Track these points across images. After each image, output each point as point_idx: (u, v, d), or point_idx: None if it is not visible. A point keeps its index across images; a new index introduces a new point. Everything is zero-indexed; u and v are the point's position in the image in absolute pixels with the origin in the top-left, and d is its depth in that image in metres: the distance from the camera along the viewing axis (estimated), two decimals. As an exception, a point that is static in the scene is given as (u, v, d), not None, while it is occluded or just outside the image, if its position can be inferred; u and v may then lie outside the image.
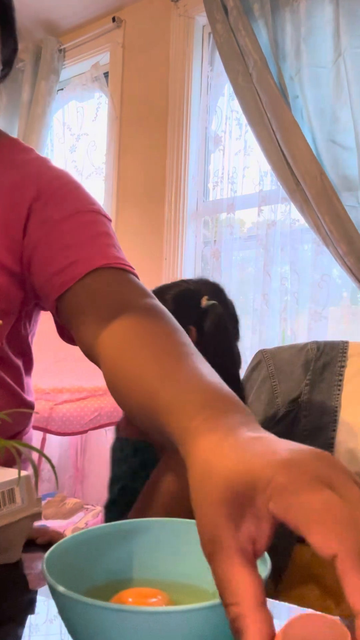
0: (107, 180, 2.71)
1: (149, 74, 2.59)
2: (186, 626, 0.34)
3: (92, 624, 0.35)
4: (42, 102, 2.83)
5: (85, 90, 2.85)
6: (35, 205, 0.73)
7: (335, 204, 1.80)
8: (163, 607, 0.37)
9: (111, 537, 0.48)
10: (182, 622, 0.34)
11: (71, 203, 0.73)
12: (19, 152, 0.79)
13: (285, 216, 2.07)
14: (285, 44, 2.00)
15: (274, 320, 2.07)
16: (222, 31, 2.09)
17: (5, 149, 0.79)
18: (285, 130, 1.90)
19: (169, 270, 2.40)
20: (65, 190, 0.74)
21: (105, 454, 2.49)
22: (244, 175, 2.23)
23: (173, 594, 0.44)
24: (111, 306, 0.63)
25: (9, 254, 0.72)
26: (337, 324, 1.99)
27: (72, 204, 0.72)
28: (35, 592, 0.50)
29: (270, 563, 0.41)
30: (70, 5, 2.69)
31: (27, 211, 0.73)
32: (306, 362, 1.27)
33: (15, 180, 0.74)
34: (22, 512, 0.47)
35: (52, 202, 0.72)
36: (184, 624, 0.34)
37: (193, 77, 2.44)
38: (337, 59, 1.88)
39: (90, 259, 0.66)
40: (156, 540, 0.48)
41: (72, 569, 0.43)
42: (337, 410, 1.17)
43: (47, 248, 0.70)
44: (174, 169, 2.44)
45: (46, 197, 0.73)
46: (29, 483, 0.49)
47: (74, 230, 0.70)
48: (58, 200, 0.72)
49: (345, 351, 1.26)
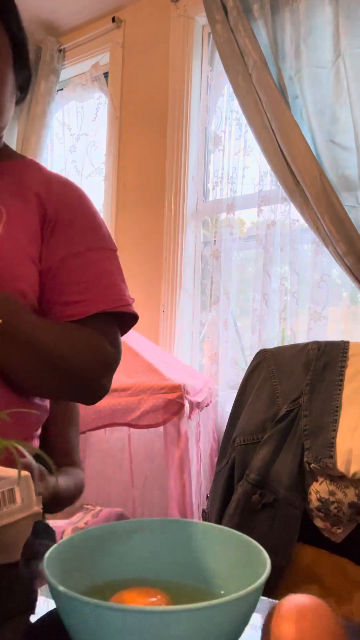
0: (107, 180, 2.71)
1: (148, 74, 2.59)
2: (186, 626, 0.34)
3: (92, 623, 0.35)
4: (41, 102, 2.83)
5: (85, 91, 2.85)
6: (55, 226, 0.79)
7: (334, 204, 1.80)
8: (162, 607, 0.37)
9: (111, 537, 0.48)
10: (181, 622, 0.34)
11: (87, 237, 0.80)
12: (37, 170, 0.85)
13: (285, 216, 2.07)
14: (285, 44, 2.00)
15: (273, 320, 2.07)
16: (221, 31, 2.09)
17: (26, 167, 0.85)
18: (285, 130, 1.90)
19: (168, 270, 2.40)
20: (83, 223, 0.81)
21: (105, 454, 2.49)
22: (244, 175, 2.23)
23: (172, 594, 0.44)
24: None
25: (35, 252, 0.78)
26: (336, 324, 1.99)
27: (87, 238, 0.80)
28: (35, 592, 0.50)
29: (270, 563, 0.41)
30: (70, 5, 2.69)
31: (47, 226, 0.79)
32: (307, 362, 1.27)
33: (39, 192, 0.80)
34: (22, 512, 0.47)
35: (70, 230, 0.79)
36: (183, 623, 0.34)
37: (193, 77, 2.44)
38: (336, 59, 1.88)
39: (95, 302, 0.76)
40: (156, 540, 0.48)
41: (72, 569, 0.43)
42: (337, 410, 1.17)
43: (60, 277, 0.77)
44: (173, 169, 2.44)
45: (64, 223, 0.79)
46: (29, 483, 0.49)
47: (83, 267, 0.78)
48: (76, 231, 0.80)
49: (345, 351, 1.26)
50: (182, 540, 0.48)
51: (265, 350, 1.37)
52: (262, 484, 1.17)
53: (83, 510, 2.02)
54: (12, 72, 0.80)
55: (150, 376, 1.83)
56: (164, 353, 2.22)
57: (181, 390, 1.79)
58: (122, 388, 1.78)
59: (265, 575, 0.39)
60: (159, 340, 2.40)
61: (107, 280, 0.79)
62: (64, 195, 0.82)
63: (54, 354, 0.72)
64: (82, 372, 0.75)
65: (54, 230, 0.79)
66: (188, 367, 2.19)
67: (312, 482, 1.14)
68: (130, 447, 2.30)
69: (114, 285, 0.79)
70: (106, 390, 0.80)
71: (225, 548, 0.46)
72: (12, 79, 0.80)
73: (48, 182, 0.82)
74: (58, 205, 0.81)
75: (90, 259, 0.79)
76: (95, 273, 0.79)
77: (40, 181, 0.82)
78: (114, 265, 0.82)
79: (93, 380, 0.77)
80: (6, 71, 0.78)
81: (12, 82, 0.80)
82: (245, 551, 0.44)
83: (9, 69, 0.79)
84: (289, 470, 1.14)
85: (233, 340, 2.24)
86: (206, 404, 2.04)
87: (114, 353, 0.79)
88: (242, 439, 1.26)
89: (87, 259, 0.79)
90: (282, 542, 1.12)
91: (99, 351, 0.77)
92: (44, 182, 0.82)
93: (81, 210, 0.83)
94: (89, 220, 0.83)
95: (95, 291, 0.77)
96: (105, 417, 1.72)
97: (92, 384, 0.78)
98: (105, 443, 2.39)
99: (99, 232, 0.83)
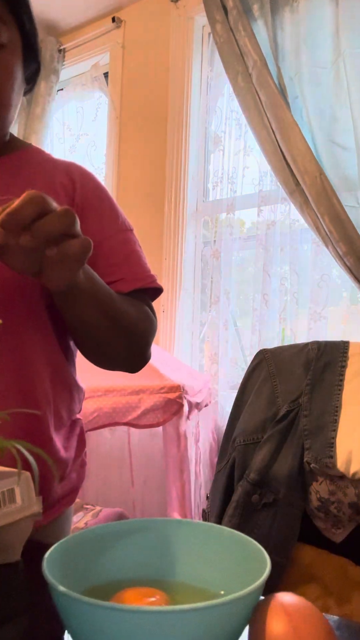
0: (107, 180, 2.71)
1: (148, 74, 2.59)
2: (185, 626, 0.34)
3: (92, 623, 0.35)
4: (41, 102, 2.83)
5: (85, 91, 2.85)
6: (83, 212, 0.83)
7: (334, 204, 1.80)
8: (162, 607, 0.37)
9: (111, 537, 0.48)
10: (181, 622, 0.34)
11: (112, 221, 0.87)
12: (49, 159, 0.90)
13: (285, 216, 2.07)
14: (285, 44, 2.00)
15: (273, 320, 2.07)
16: (221, 31, 2.09)
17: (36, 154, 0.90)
18: (285, 130, 1.90)
19: (168, 271, 2.40)
20: (107, 207, 0.87)
21: (105, 454, 2.50)
22: (244, 175, 2.23)
23: (172, 593, 0.44)
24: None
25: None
26: (336, 324, 1.99)
27: (113, 222, 0.87)
28: (35, 592, 0.50)
29: (270, 563, 0.41)
30: (70, 5, 2.69)
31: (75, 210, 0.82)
32: (307, 362, 1.27)
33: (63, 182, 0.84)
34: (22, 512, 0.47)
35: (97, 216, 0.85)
36: (182, 623, 0.34)
37: (193, 77, 2.44)
38: (336, 59, 1.88)
39: (131, 280, 0.83)
40: (156, 540, 0.48)
41: (72, 569, 0.43)
42: (337, 410, 1.17)
43: (97, 261, 0.81)
44: (173, 169, 2.44)
45: (91, 209, 0.85)
46: (29, 483, 0.49)
47: (115, 249, 0.85)
48: (103, 216, 0.86)
49: (345, 351, 1.26)
50: (182, 540, 0.48)
51: (265, 350, 1.37)
52: (262, 483, 1.17)
53: (83, 510, 2.02)
54: (21, 65, 0.80)
55: (150, 376, 1.83)
56: (164, 353, 2.22)
57: (180, 390, 1.79)
58: (122, 388, 1.78)
59: (265, 575, 0.39)
60: (159, 340, 2.40)
61: (136, 258, 0.87)
62: (86, 183, 0.87)
63: (129, 318, 0.78)
64: (143, 338, 0.82)
65: (82, 217, 0.82)
66: (188, 367, 2.19)
67: (312, 482, 1.14)
68: (130, 447, 2.30)
69: (142, 264, 0.87)
70: (149, 357, 0.86)
71: (225, 548, 0.46)
72: (21, 72, 0.81)
73: (68, 171, 0.87)
74: (83, 193, 0.85)
75: (119, 240, 0.86)
76: (125, 253, 0.86)
77: (61, 171, 0.86)
78: (137, 245, 0.90)
79: (147, 346, 0.84)
80: (15, 64, 0.78)
81: (20, 76, 0.81)
82: (245, 551, 0.44)
83: (18, 62, 0.79)
84: (289, 470, 1.14)
85: (233, 340, 2.24)
86: (205, 404, 2.04)
87: (156, 321, 0.87)
88: (242, 438, 1.26)
89: (117, 240, 0.85)
90: (282, 542, 1.12)
91: (152, 321, 0.85)
92: (65, 172, 0.86)
93: (103, 196, 0.88)
94: (111, 205, 0.88)
95: (128, 270, 0.84)
96: (105, 417, 1.72)
97: (146, 351, 0.85)
98: (105, 443, 2.39)
99: (119, 215, 0.89)
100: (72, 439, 0.86)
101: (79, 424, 0.89)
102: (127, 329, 0.78)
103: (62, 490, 0.83)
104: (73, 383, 0.85)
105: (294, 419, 1.20)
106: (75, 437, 0.87)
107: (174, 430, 1.81)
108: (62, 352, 0.82)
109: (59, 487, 0.82)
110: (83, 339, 0.80)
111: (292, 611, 0.36)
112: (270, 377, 1.30)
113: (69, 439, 0.84)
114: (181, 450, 1.80)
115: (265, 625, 0.36)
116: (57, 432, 0.80)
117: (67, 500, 0.85)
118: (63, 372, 0.82)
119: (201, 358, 2.39)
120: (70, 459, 0.84)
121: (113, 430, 2.32)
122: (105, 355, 0.82)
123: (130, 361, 0.85)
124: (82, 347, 0.82)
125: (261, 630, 0.36)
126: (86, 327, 0.76)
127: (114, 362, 0.84)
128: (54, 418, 0.79)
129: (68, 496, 0.85)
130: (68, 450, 0.83)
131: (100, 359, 0.83)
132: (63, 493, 0.84)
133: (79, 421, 0.89)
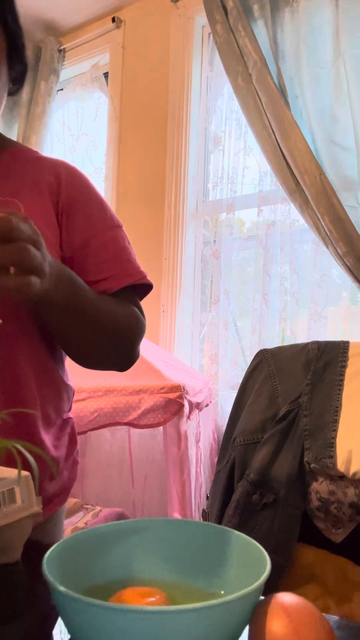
0: (107, 180, 2.71)
1: (148, 74, 2.59)
2: (185, 626, 0.34)
3: (92, 623, 0.35)
4: (42, 102, 2.83)
5: (85, 91, 2.85)
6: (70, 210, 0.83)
7: (334, 204, 1.80)
8: (161, 607, 0.37)
9: (111, 537, 0.48)
10: (181, 622, 0.34)
11: (100, 218, 0.86)
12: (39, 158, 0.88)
13: (285, 216, 2.07)
14: (284, 44, 2.00)
15: (273, 320, 2.07)
16: (221, 31, 2.09)
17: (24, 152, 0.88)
18: (285, 130, 1.90)
19: (168, 271, 2.40)
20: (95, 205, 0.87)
21: (105, 454, 2.49)
22: (244, 175, 2.23)
23: (172, 594, 0.44)
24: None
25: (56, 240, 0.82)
26: (336, 324, 1.99)
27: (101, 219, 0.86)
28: (35, 592, 0.50)
29: (270, 563, 0.41)
30: (70, 5, 2.69)
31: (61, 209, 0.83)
32: (307, 362, 1.27)
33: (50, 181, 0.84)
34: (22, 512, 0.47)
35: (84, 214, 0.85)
36: (182, 623, 0.34)
37: (193, 77, 2.44)
38: (336, 59, 1.88)
39: (121, 277, 0.83)
40: (155, 540, 0.48)
41: (72, 568, 0.43)
42: (337, 410, 1.17)
43: (86, 259, 0.83)
44: (173, 169, 2.44)
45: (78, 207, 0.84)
46: (29, 483, 0.49)
47: (104, 246, 0.84)
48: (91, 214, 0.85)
49: (346, 351, 1.26)
50: (182, 540, 0.48)
51: (265, 350, 1.37)
52: (262, 483, 1.17)
53: (83, 510, 2.02)
54: (5, 64, 0.79)
55: (150, 376, 1.83)
56: (164, 353, 2.22)
57: (181, 390, 1.79)
58: (123, 388, 1.78)
59: (265, 575, 0.39)
60: (159, 340, 2.40)
61: (125, 255, 0.86)
62: (72, 181, 0.86)
63: (111, 320, 0.79)
64: (127, 339, 0.83)
65: (69, 215, 0.83)
66: (188, 367, 2.19)
67: (312, 482, 1.14)
68: (131, 447, 2.30)
69: (132, 260, 0.86)
70: (138, 356, 0.87)
71: (225, 548, 0.46)
72: (6, 71, 0.80)
73: (55, 170, 0.85)
74: (69, 191, 0.84)
75: (107, 237, 0.85)
76: (115, 250, 0.85)
77: (48, 170, 0.85)
78: (126, 241, 0.88)
79: (133, 346, 0.84)
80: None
81: (5, 75, 0.80)
82: (245, 551, 0.44)
83: (2, 60, 0.78)
84: (289, 470, 1.14)
85: (233, 340, 2.24)
86: (206, 404, 2.04)
87: (143, 320, 0.87)
88: (242, 438, 1.26)
89: (105, 238, 0.85)
90: (282, 542, 1.12)
91: (138, 320, 0.85)
92: (51, 170, 0.85)
93: (90, 194, 0.87)
94: (98, 202, 0.87)
95: (118, 267, 0.84)
96: (105, 417, 1.72)
97: (133, 351, 0.85)
98: (105, 443, 2.39)
99: (107, 211, 0.88)
100: (63, 438, 0.86)
101: (70, 423, 0.89)
102: (112, 332, 0.79)
103: (53, 489, 0.83)
104: (61, 382, 0.85)
105: (294, 419, 1.20)
106: (66, 436, 0.87)
107: (174, 430, 1.81)
108: (47, 351, 0.82)
109: (50, 486, 0.82)
110: (65, 343, 0.81)
111: (292, 611, 0.36)
112: (270, 377, 1.30)
113: (59, 438, 0.85)
114: (181, 450, 1.80)
115: (265, 626, 0.36)
116: (46, 431, 0.80)
117: (59, 500, 0.85)
118: (50, 372, 0.82)
119: (201, 358, 2.39)
120: (61, 458, 0.84)
121: (113, 430, 2.32)
122: (88, 357, 0.83)
123: (116, 361, 0.86)
124: (65, 350, 0.83)
125: (261, 631, 0.36)
126: (65, 333, 0.77)
127: (98, 363, 0.85)
128: (42, 417, 0.79)
129: (60, 495, 0.85)
130: (58, 448, 0.84)
131: (85, 362, 0.84)
132: (54, 492, 0.84)
133: (69, 420, 0.89)
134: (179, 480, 1.79)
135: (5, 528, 0.46)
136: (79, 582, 0.43)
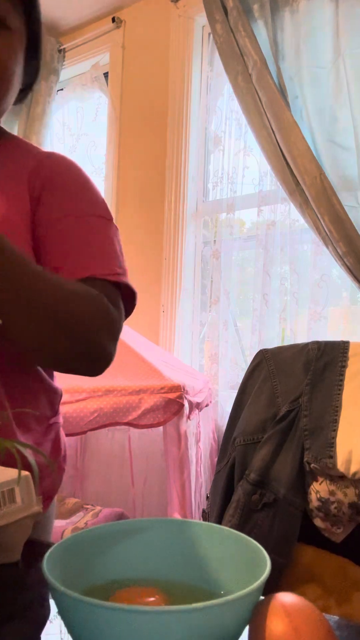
0: (107, 180, 2.71)
1: (148, 75, 2.59)
2: (185, 626, 0.34)
3: (92, 623, 0.35)
4: (42, 102, 2.83)
5: (85, 91, 2.85)
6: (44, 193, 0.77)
7: (334, 204, 1.80)
8: (162, 607, 0.37)
9: (111, 537, 0.48)
10: (181, 622, 0.34)
11: (77, 204, 0.78)
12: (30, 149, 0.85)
13: (285, 216, 2.07)
14: (284, 44, 2.00)
15: (273, 320, 2.07)
16: (221, 31, 2.09)
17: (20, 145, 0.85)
18: (285, 130, 1.90)
19: (168, 271, 2.40)
20: (73, 189, 0.79)
21: (105, 454, 2.49)
22: (244, 175, 2.23)
23: (172, 594, 0.44)
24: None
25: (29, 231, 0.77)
26: (336, 324, 1.99)
27: (78, 204, 0.78)
28: (35, 592, 0.50)
29: (270, 563, 0.41)
30: (70, 5, 2.69)
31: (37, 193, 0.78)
32: (307, 362, 1.27)
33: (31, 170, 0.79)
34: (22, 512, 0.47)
35: (56, 197, 0.77)
36: (182, 623, 0.34)
37: (193, 77, 2.44)
38: (336, 59, 1.88)
39: (87, 266, 0.73)
40: (155, 540, 0.48)
41: (72, 569, 0.43)
42: (337, 410, 1.17)
43: (49, 242, 0.75)
44: (173, 169, 2.44)
45: (50, 190, 0.78)
46: (29, 483, 0.49)
47: (74, 230, 0.75)
48: (64, 198, 0.77)
49: (346, 351, 1.26)
50: (182, 540, 0.48)
51: (265, 350, 1.37)
52: (262, 483, 1.17)
53: (83, 510, 2.02)
54: (23, 56, 0.80)
55: (150, 376, 1.83)
56: (164, 353, 2.22)
57: (181, 390, 1.79)
58: (123, 388, 1.79)
59: (265, 575, 0.39)
60: (159, 340, 2.40)
61: (98, 245, 0.75)
62: (51, 166, 0.80)
63: (63, 298, 0.66)
64: (86, 327, 0.68)
65: (40, 199, 0.77)
66: (188, 367, 2.19)
67: (312, 482, 1.14)
68: (130, 447, 2.30)
69: (106, 252, 0.75)
70: (111, 357, 0.72)
71: (225, 548, 0.46)
72: (22, 63, 0.80)
73: (39, 156, 0.82)
74: (46, 174, 0.78)
75: (79, 223, 0.75)
76: (83, 237, 0.74)
77: (34, 156, 0.82)
78: (108, 233, 0.78)
79: (99, 338, 0.69)
80: (19, 50, 0.78)
81: (21, 66, 0.80)
82: (245, 551, 0.44)
83: (21, 50, 0.79)
84: (289, 470, 1.14)
85: (233, 340, 2.24)
86: (206, 404, 2.04)
87: (117, 315, 0.72)
88: (242, 439, 1.26)
89: (76, 223, 0.75)
90: (282, 542, 1.12)
91: (102, 304, 0.70)
92: (35, 157, 0.81)
93: (70, 177, 0.80)
94: (78, 187, 0.80)
95: (84, 255, 0.73)
96: (105, 417, 1.72)
97: (97, 348, 0.70)
98: (105, 443, 2.39)
99: (90, 199, 0.79)
100: (45, 444, 0.81)
101: (55, 428, 0.84)
102: (64, 313, 0.66)
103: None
104: (40, 388, 0.80)
105: (294, 419, 1.20)
106: (49, 442, 0.82)
107: (174, 430, 1.81)
108: (19, 356, 0.76)
109: None
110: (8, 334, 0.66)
111: (292, 611, 0.36)
112: (270, 377, 1.30)
113: (40, 444, 0.80)
114: (181, 450, 1.80)
115: (265, 626, 0.36)
116: (25, 438, 0.76)
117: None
118: (23, 377, 0.77)
119: (201, 358, 2.39)
120: (42, 465, 0.79)
121: (113, 430, 2.32)
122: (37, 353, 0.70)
123: (80, 361, 0.70)
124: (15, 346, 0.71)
125: (261, 631, 0.36)
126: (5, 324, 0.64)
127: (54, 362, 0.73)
128: (15, 423, 0.75)
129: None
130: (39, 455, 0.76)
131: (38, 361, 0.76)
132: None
133: (54, 426, 0.84)
134: (179, 480, 1.79)
135: (5, 528, 0.46)
136: (79, 582, 0.43)
